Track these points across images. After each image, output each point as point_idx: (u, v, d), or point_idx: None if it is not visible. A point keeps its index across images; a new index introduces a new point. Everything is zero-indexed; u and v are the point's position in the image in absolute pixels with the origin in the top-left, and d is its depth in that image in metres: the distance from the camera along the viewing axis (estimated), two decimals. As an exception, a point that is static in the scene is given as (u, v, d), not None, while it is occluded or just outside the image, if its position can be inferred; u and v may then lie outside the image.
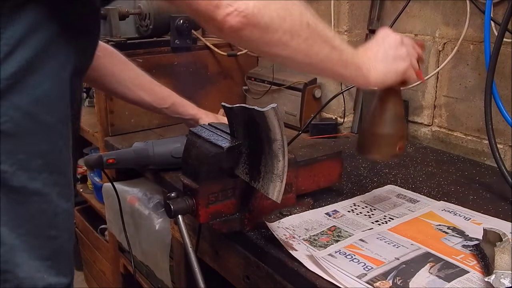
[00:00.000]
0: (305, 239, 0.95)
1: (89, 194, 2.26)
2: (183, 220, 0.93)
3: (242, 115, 0.89)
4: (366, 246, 0.93)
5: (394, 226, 1.01)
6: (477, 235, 0.95)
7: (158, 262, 1.64)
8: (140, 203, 1.72)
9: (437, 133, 1.58)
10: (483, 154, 1.45)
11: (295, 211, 1.05)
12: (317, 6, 1.80)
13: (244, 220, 0.99)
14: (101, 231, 2.25)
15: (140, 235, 1.70)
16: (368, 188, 1.22)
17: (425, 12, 1.55)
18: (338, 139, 1.68)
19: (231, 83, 2.05)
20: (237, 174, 0.93)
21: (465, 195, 1.19)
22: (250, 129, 0.88)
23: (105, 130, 1.80)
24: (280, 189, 0.85)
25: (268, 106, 0.81)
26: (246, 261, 1.02)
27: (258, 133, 0.86)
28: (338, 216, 1.06)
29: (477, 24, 1.40)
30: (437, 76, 1.55)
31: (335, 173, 1.15)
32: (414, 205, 1.11)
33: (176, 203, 0.92)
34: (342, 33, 1.71)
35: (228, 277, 1.11)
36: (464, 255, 0.90)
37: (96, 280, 2.47)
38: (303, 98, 1.79)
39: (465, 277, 0.82)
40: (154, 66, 1.84)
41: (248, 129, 0.89)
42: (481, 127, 1.44)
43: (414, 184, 1.25)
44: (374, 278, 0.83)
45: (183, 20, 1.80)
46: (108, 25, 1.79)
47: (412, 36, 1.60)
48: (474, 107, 1.46)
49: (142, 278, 1.90)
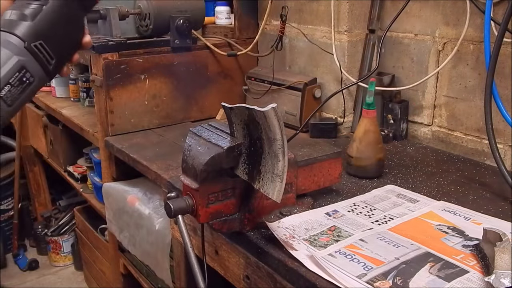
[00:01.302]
0: (305, 239, 0.95)
1: (89, 194, 2.26)
2: (183, 220, 0.93)
3: (242, 115, 0.89)
4: (366, 246, 0.93)
5: (394, 226, 1.01)
6: (477, 235, 0.95)
7: (158, 262, 1.64)
8: (140, 203, 1.72)
9: (437, 133, 1.58)
10: (483, 154, 1.46)
11: (295, 211, 1.05)
12: (317, 6, 1.80)
13: (244, 220, 0.99)
14: (101, 231, 2.25)
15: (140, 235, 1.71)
16: (368, 188, 1.22)
17: (425, 12, 1.55)
18: (338, 139, 1.68)
19: (231, 83, 2.05)
20: (237, 174, 0.93)
21: (465, 195, 1.19)
22: (250, 129, 0.88)
23: (105, 130, 1.80)
24: (280, 189, 0.85)
25: (268, 106, 0.81)
26: (246, 261, 1.02)
27: (258, 133, 0.86)
28: (338, 216, 1.06)
29: (477, 24, 1.40)
30: (437, 76, 1.55)
31: (335, 173, 1.15)
32: (414, 205, 1.11)
33: (176, 203, 0.92)
34: (342, 33, 1.72)
35: (228, 277, 1.11)
36: (464, 255, 0.90)
37: (96, 280, 2.47)
38: (303, 98, 1.79)
39: (465, 277, 0.82)
40: (154, 66, 1.84)
41: (248, 129, 0.89)
42: (481, 127, 1.45)
43: (414, 184, 1.25)
44: (374, 278, 0.83)
45: (183, 20, 1.80)
46: (108, 25, 1.79)
47: (412, 36, 1.60)
48: (474, 107, 1.46)
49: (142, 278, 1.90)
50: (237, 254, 1.05)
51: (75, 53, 0.81)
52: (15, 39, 0.73)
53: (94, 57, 1.78)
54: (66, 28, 0.78)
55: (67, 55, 0.80)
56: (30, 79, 0.74)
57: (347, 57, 1.73)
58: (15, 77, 0.72)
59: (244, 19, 2.06)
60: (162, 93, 1.88)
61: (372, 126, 1.27)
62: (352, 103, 1.77)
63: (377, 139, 1.28)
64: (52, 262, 2.96)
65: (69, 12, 0.78)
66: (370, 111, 1.27)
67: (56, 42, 0.77)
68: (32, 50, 0.74)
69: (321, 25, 1.80)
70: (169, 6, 1.83)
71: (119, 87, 1.77)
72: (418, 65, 1.60)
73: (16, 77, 0.72)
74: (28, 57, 0.73)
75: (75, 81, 2.34)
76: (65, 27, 0.78)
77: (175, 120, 1.94)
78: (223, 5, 2.15)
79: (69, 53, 0.81)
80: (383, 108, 1.62)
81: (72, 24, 0.79)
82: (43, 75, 0.76)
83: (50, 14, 0.76)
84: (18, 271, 2.92)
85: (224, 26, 2.14)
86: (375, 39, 1.69)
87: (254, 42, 2.00)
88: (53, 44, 0.76)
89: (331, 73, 1.80)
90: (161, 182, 1.43)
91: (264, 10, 1.95)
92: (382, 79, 1.59)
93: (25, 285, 2.80)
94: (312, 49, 1.85)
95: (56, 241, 2.87)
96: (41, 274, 2.90)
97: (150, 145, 1.71)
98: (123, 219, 1.80)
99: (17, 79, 0.73)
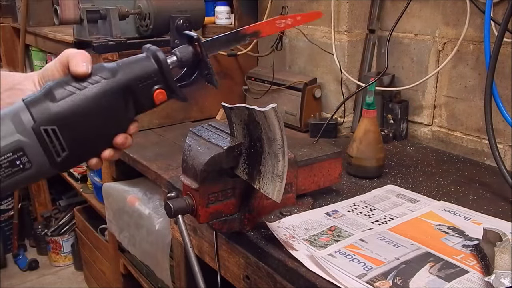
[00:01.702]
0: (305, 239, 0.95)
1: (89, 194, 2.26)
2: (183, 220, 0.93)
3: (242, 115, 0.89)
4: (366, 246, 0.93)
5: (394, 226, 1.01)
6: (477, 235, 0.95)
7: (158, 262, 1.64)
8: (140, 203, 1.72)
9: (437, 133, 1.58)
10: (483, 154, 1.45)
11: (295, 211, 1.05)
12: (317, 6, 1.80)
13: (244, 220, 0.99)
14: (101, 231, 2.25)
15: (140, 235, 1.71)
16: (368, 188, 1.22)
17: (425, 12, 1.55)
18: (338, 139, 1.68)
19: (231, 83, 2.05)
20: (237, 174, 0.93)
21: (465, 195, 1.19)
22: (250, 129, 0.88)
23: (105, 130, 1.80)
24: (280, 189, 0.85)
25: (268, 106, 0.81)
26: (246, 261, 1.02)
27: (258, 133, 0.86)
28: (338, 216, 1.06)
29: (477, 24, 1.40)
30: (437, 76, 1.55)
31: (335, 173, 1.15)
32: (414, 205, 1.11)
33: (176, 203, 0.92)
34: (342, 33, 1.72)
35: (228, 277, 1.11)
36: (464, 255, 0.90)
37: (96, 280, 2.47)
38: (303, 98, 1.79)
39: (465, 277, 0.82)
40: (154, 66, 1.84)
41: (248, 129, 0.89)
42: (481, 127, 1.44)
43: (414, 184, 1.25)
44: (374, 278, 0.83)
45: (183, 20, 1.80)
46: (108, 25, 1.79)
47: (412, 36, 1.60)
48: (474, 107, 1.46)
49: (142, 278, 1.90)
50: (237, 254, 1.05)
51: (104, 150, 0.71)
52: (27, 116, 0.64)
53: (94, 57, 1.78)
54: (95, 121, 0.68)
55: (89, 150, 0.70)
56: (25, 164, 0.64)
57: (347, 57, 1.73)
58: (7, 157, 0.63)
59: (244, 19, 2.06)
60: (162, 93, 1.87)
61: (372, 126, 1.27)
62: (352, 103, 1.77)
63: (377, 139, 1.28)
64: (52, 262, 2.96)
65: (106, 105, 0.67)
66: (370, 111, 1.27)
67: (77, 133, 0.67)
68: (39, 134, 0.64)
69: (321, 25, 1.80)
70: (169, 6, 1.83)
71: (119, 87, 1.77)
72: (418, 65, 1.60)
73: (8, 157, 0.63)
74: (32, 140, 0.64)
75: (75, 81, 2.34)
76: (94, 120, 0.67)
77: (175, 120, 1.94)
78: (223, 5, 2.15)
79: (93, 149, 0.70)
80: (383, 108, 1.62)
81: (105, 118, 0.68)
82: (46, 165, 0.66)
83: (82, 101, 0.66)
84: (18, 271, 2.92)
85: (224, 26, 2.13)
86: (375, 39, 1.69)
87: (254, 42, 1.99)
88: (70, 134, 0.66)
89: (331, 73, 1.80)
90: (161, 182, 1.43)
91: (264, 10, 1.95)
92: (382, 79, 1.59)
93: (25, 285, 2.80)
94: (312, 49, 1.85)
95: (56, 241, 2.88)
96: (41, 274, 2.90)
97: (150, 145, 1.71)
98: (123, 219, 1.80)
99: (8, 160, 0.64)
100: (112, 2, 1.80)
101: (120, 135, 0.70)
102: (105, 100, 0.67)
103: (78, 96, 0.66)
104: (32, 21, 2.59)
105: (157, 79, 0.70)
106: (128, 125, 0.71)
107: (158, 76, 0.70)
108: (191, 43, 0.75)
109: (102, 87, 0.67)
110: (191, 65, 0.74)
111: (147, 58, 0.70)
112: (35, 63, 2.64)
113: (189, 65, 0.74)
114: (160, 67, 0.70)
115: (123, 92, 0.68)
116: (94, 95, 0.66)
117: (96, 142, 0.69)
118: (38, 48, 2.57)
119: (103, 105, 0.67)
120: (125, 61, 0.70)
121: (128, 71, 0.69)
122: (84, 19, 1.77)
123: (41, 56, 2.59)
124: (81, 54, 0.69)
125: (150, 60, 0.70)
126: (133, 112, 0.71)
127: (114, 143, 0.71)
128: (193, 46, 0.75)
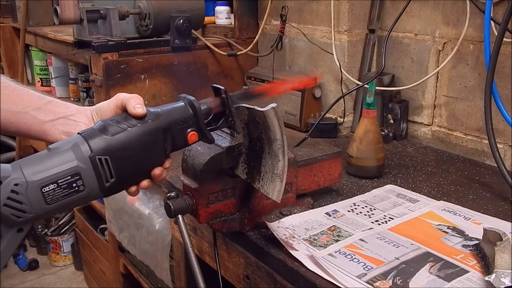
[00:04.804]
0: (305, 239, 0.95)
1: (89, 194, 2.26)
2: (183, 220, 0.93)
3: (242, 115, 0.89)
4: (366, 246, 0.93)
5: (394, 226, 1.01)
6: (477, 234, 0.95)
7: (158, 262, 1.64)
8: (140, 203, 1.72)
9: (437, 133, 1.58)
10: (483, 154, 1.45)
11: (295, 211, 1.05)
12: (317, 6, 1.80)
13: (244, 220, 0.99)
14: (101, 231, 2.25)
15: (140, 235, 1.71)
16: (368, 188, 1.22)
17: (425, 12, 1.55)
18: (338, 139, 1.68)
19: (231, 83, 2.05)
20: (237, 174, 0.93)
21: (465, 195, 1.19)
22: (250, 129, 0.88)
23: (105, 130, 1.80)
24: (280, 189, 0.85)
25: (268, 106, 0.81)
26: (246, 261, 1.02)
27: (258, 133, 0.86)
28: (338, 216, 1.06)
29: (477, 24, 1.40)
30: (437, 76, 1.55)
31: (335, 173, 1.15)
32: (414, 205, 1.11)
33: (176, 203, 0.92)
34: (342, 33, 1.72)
35: (228, 277, 1.11)
36: (464, 254, 0.90)
37: (96, 280, 2.47)
38: (303, 98, 1.79)
39: (465, 277, 0.82)
40: (154, 66, 1.84)
41: (248, 129, 0.89)
42: (481, 127, 1.45)
43: (414, 184, 1.25)
44: (374, 277, 0.83)
45: (183, 20, 1.80)
46: (108, 25, 1.79)
47: (412, 36, 1.60)
48: (474, 107, 1.46)
49: (142, 278, 1.90)
50: (237, 254, 1.05)
51: (143, 180, 0.81)
52: (85, 146, 0.75)
53: (94, 57, 1.78)
54: (140, 155, 0.78)
55: (131, 179, 0.80)
56: (80, 187, 0.74)
57: (347, 57, 1.73)
58: (66, 179, 0.73)
59: (244, 19, 2.06)
60: (162, 93, 1.88)
61: (372, 126, 1.27)
62: (352, 103, 1.77)
63: (377, 139, 1.28)
64: (52, 262, 2.96)
65: (150, 142, 0.79)
66: (370, 111, 1.27)
67: (124, 163, 0.77)
68: (94, 162, 0.75)
69: (321, 25, 1.80)
70: (169, 6, 1.83)
71: (119, 87, 1.77)
72: (418, 65, 1.60)
73: (67, 180, 0.73)
74: (88, 166, 0.74)
75: (75, 81, 2.34)
76: (139, 154, 0.78)
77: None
78: (223, 5, 2.15)
79: (135, 178, 0.81)
80: (383, 108, 1.62)
81: (148, 153, 0.79)
82: (97, 189, 0.76)
83: (130, 137, 0.77)
84: (18, 271, 2.92)
85: (224, 26, 2.14)
86: (375, 39, 1.69)
87: (254, 42, 1.99)
88: (119, 164, 0.76)
89: (331, 73, 1.80)
90: (161, 182, 1.43)
91: (264, 10, 1.95)
92: (382, 79, 1.59)
93: (25, 285, 2.80)
94: (312, 49, 1.85)
95: (56, 241, 2.88)
96: (41, 274, 2.90)
97: (150, 145, 1.70)
98: (123, 219, 1.80)
99: (67, 182, 0.73)
100: (112, 2, 1.80)
101: (157, 168, 0.81)
102: (149, 138, 0.79)
103: (129, 132, 0.78)
104: (32, 21, 2.59)
105: (191, 123, 0.82)
106: (164, 160, 0.82)
107: (192, 120, 0.82)
108: (219, 94, 0.87)
109: (149, 126, 0.78)
110: (218, 113, 0.86)
111: (184, 105, 0.82)
112: (35, 63, 2.64)
113: (216, 113, 0.86)
114: (195, 114, 0.82)
115: (164, 132, 0.80)
116: (141, 133, 0.78)
117: (138, 172, 0.81)
118: (38, 48, 2.57)
119: (148, 141, 0.79)
120: (166, 106, 0.82)
121: (168, 115, 0.81)
122: (84, 19, 1.77)
123: (41, 56, 2.59)
124: (135, 98, 0.81)
125: (186, 107, 0.82)
126: (169, 149, 0.82)
127: (152, 174, 0.81)
128: (221, 98, 0.86)
